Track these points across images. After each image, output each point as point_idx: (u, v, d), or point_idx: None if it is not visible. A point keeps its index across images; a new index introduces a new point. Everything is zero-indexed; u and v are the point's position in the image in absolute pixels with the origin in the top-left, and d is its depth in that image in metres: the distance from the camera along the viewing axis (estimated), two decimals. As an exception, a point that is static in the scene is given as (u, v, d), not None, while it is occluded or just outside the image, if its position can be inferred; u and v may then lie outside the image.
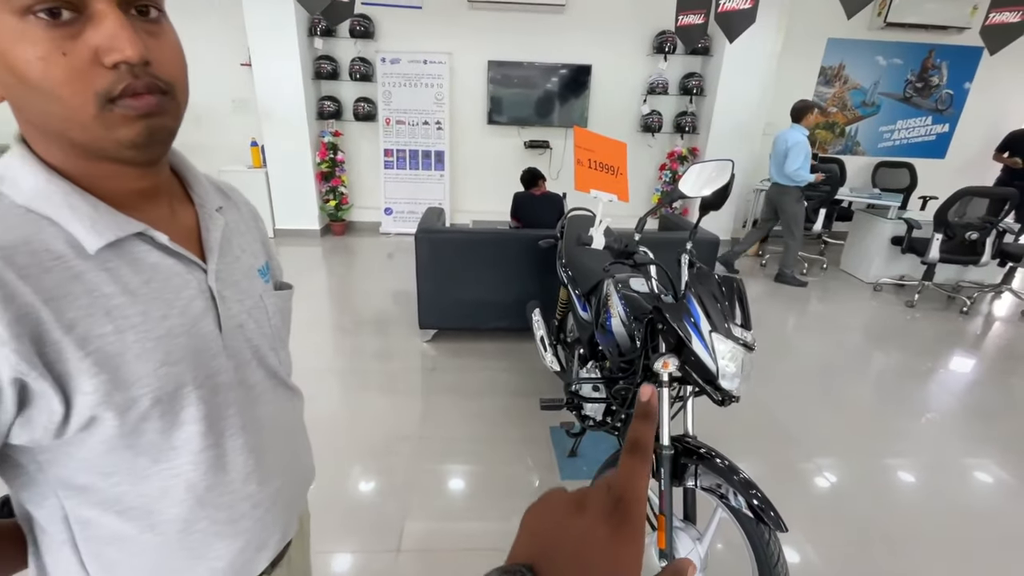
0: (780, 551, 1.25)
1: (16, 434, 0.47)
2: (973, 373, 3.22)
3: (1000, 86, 5.58)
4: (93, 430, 0.48)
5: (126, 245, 0.50)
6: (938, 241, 3.92)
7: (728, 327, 1.30)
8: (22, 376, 0.44)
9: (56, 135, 0.46)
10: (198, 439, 0.55)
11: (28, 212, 0.46)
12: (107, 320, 0.47)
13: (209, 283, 0.56)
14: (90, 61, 0.42)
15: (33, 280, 0.44)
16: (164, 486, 0.54)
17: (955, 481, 2.23)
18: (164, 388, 0.51)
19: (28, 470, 0.51)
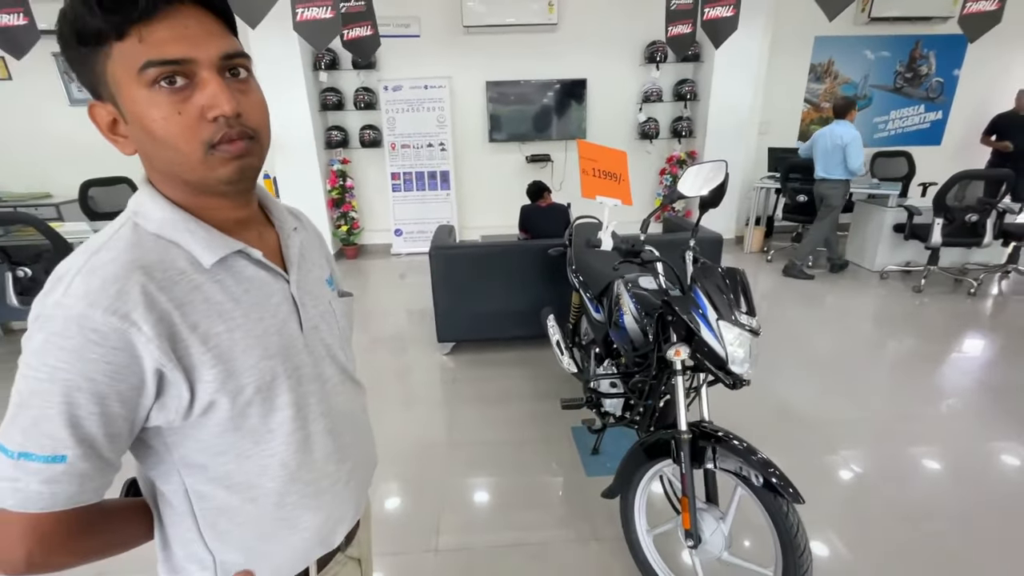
0: (799, 522, 1.33)
1: (153, 416, 0.58)
2: (987, 353, 3.26)
3: (988, 70, 5.66)
4: (210, 414, 0.59)
5: (229, 261, 0.62)
6: (939, 225, 3.99)
7: (734, 314, 1.40)
8: (161, 367, 0.55)
9: (173, 176, 0.59)
10: (289, 423, 0.65)
11: (158, 238, 0.59)
12: (220, 321, 0.59)
13: (291, 291, 0.68)
14: (198, 117, 0.54)
15: (167, 290, 0.56)
16: (263, 464, 0.64)
17: (981, 462, 2.27)
18: (263, 378, 0.62)
19: (158, 451, 0.62)
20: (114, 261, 0.54)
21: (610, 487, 1.72)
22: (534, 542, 1.88)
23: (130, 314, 0.52)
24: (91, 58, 0.53)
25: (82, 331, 0.51)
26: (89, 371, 0.51)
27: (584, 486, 2.13)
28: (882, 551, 1.78)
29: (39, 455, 0.52)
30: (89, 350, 0.51)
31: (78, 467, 0.53)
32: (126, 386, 0.54)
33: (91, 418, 0.53)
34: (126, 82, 0.53)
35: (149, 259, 0.56)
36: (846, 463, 2.23)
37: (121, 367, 0.53)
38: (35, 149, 5.33)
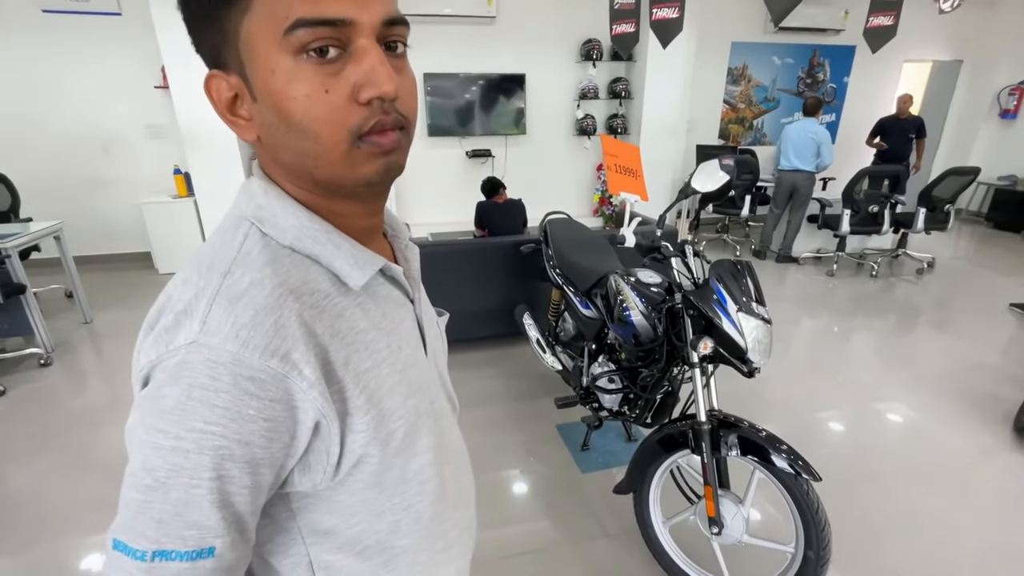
0: (818, 499, 1.41)
1: (296, 480, 0.46)
2: (890, 326, 3.72)
3: (871, 78, 6.45)
4: (357, 469, 0.48)
5: (370, 280, 0.50)
6: (847, 216, 4.48)
7: (750, 305, 1.45)
8: (321, 419, 0.43)
9: (302, 174, 0.46)
10: (427, 468, 0.55)
11: (293, 252, 0.46)
12: (368, 355, 0.47)
13: (416, 313, 0.57)
14: (348, 98, 0.41)
15: (319, 319, 0.44)
16: (396, 520, 0.53)
17: (890, 420, 2.58)
18: (410, 420, 0.51)
19: (278, 519, 0.49)
20: (258, 284, 0.42)
21: (623, 482, 1.72)
22: (545, 546, 1.84)
23: (291, 354, 0.41)
24: (222, 12, 0.40)
25: (236, 381, 0.39)
26: (245, 432, 0.39)
27: (581, 483, 2.12)
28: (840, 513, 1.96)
29: (181, 552, 0.39)
30: (245, 405, 0.39)
31: (227, 559, 0.41)
32: (279, 446, 0.42)
33: (242, 493, 0.41)
34: (265, 46, 0.40)
35: (294, 280, 0.44)
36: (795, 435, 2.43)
37: (277, 423, 0.41)
38: None
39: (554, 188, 5.85)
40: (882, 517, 1.95)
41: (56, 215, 3.74)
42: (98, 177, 4.81)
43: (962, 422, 2.52)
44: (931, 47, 6.54)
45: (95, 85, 4.53)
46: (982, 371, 3.00)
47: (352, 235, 0.50)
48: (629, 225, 1.69)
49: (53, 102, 4.51)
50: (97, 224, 4.89)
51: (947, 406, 2.66)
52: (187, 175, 4.62)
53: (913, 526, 1.92)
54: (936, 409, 2.64)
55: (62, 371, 3.03)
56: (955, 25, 6.33)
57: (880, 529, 1.90)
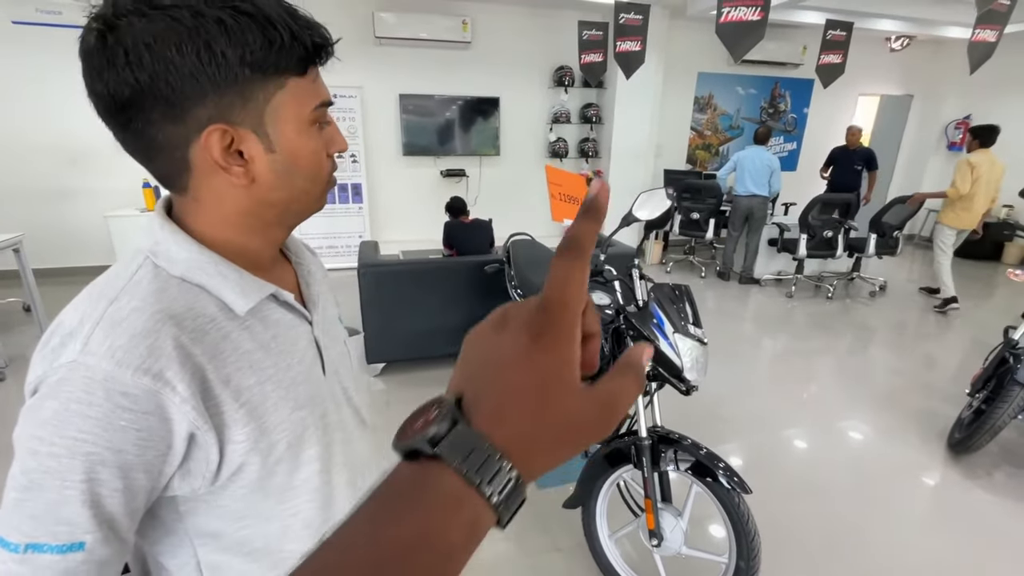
0: (748, 511, 1.49)
1: (176, 486, 0.51)
2: (847, 346, 3.89)
3: (829, 109, 6.80)
4: (238, 476, 0.53)
5: (258, 305, 0.56)
6: (804, 240, 4.69)
7: (686, 327, 1.54)
8: (195, 430, 0.48)
9: (287, 211, 0.57)
10: (315, 477, 0.60)
11: (183, 282, 0.52)
12: (251, 373, 0.53)
13: (315, 333, 0.63)
14: (326, 153, 0.56)
15: (198, 342, 0.50)
16: (285, 525, 0.59)
17: (842, 437, 2.70)
18: (295, 431, 0.57)
19: (166, 521, 0.54)
20: (139, 311, 0.48)
21: (572, 497, 1.78)
22: (498, 561, 1.87)
23: (163, 372, 0.46)
24: (253, 84, 0.49)
25: (109, 395, 0.44)
26: (116, 441, 0.45)
27: (537, 498, 2.16)
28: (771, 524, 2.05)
29: (52, 545, 0.44)
30: (117, 416, 0.44)
31: (97, 553, 0.46)
32: (153, 454, 0.47)
33: (114, 496, 0.46)
34: (294, 116, 0.52)
35: (177, 307, 0.50)
36: (746, 449, 2.53)
37: (151, 433, 0.46)
38: None
39: (526, 208, 5.97)
40: (822, 529, 2.05)
41: (17, 227, 3.68)
42: (64, 189, 4.75)
43: (903, 438, 2.66)
44: (884, 82, 6.94)
45: (65, 97, 4.49)
46: (924, 389, 3.17)
47: (257, 264, 0.57)
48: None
49: (20, 113, 4.46)
50: (60, 237, 4.81)
51: (890, 422, 2.79)
52: (156, 189, 4.58)
53: (852, 538, 2.01)
54: (880, 425, 2.78)
55: (16, 387, 2.96)
56: (905, 62, 6.75)
57: (819, 541, 1.99)
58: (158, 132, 0.48)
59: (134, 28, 0.43)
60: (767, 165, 4.83)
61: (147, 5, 0.44)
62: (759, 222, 4.98)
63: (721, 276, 5.38)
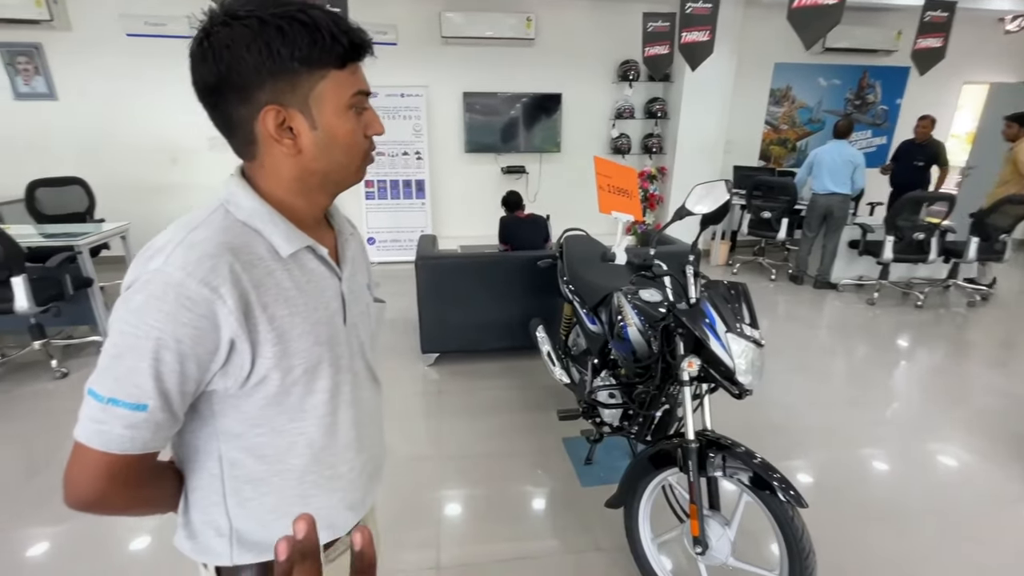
0: (804, 525, 1.39)
1: (216, 381, 0.64)
2: (936, 361, 3.52)
3: (925, 99, 6.17)
4: (261, 386, 0.65)
5: (299, 254, 0.69)
6: (890, 243, 4.29)
7: (740, 327, 1.46)
8: (235, 337, 0.61)
9: (320, 177, 0.68)
10: (323, 406, 0.72)
11: (244, 225, 0.65)
12: (285, 305, 0.66)
13: (342, 288, 0.75)
14: (363, 135, 0.68)
15: (248, 271, 0.62)
16: (291, 441, 0.71)
17: (926, 460, 2.45)
18: (311, 361, 0.69)
19: (203, 415, 0.68)
20: (209, 240, 0.61)
21: (614, 497, 1.74)
22: (536, 555, 1.87)
23: (219, 287, 0.59)
24: (301, 75, 0.61)
25: (178, 297, 0.57)
26: (178, 333, 0.57)
27: (580, 497, 2.14)
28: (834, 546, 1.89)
29: (126, 402, 0.58)
30: (181, 314, 0.57)
31: (156, 416, 0.60)
32: (204, 350, 0.60)
33: (172, 375, 0.59)
34: (334, 101, 0.64)
35: (237, 242, 0.63)
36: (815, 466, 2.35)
37: (204, 332, 0.59)
38: (-28, 145, 4.92)
39: (587, 205, 5.85)
40: (893, 560, 1.87)
41: (125, 217, 4.13)
42: (165, 184, 5.26)
43: (999, 466, 2.37)
44: (995, 68, 6.20)
45: (167, 101, 4.97)
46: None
47: (303, 222, 0.70)
48: (620, 243, 1.73)
49: (129, 116, 4.99)
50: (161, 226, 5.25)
51: (985, 448, 2.50)
52: (241, 184, 4.98)
53: (927, 572, 1.82)
54: (973, 451, 2.49)
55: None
56: (1022, 45, 5.99)
57: (888, 571, 1.82)
58: (234, 111, 0.63)
59: (219, 34, 0.59)
60: (848, 160, 4.46)
61: (231, 16, 0.59)
62: (839, 222, 4.61)
63: (793, 280, 5.04)
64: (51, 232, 3.55)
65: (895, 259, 4.34)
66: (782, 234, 5.02)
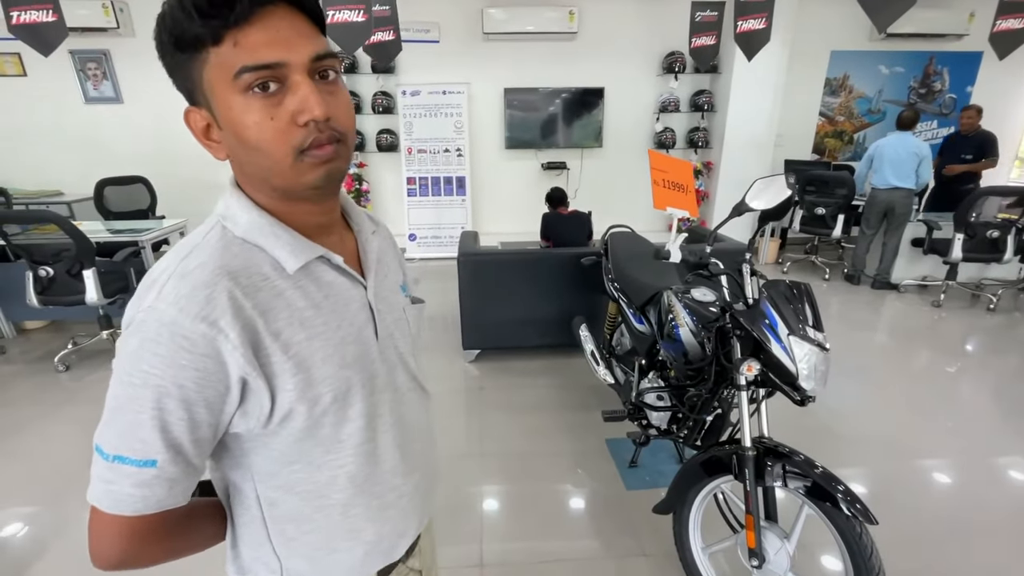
0: (873, 543, 1.30)
1: (236, 423, 0.57)
2: (1011, 368, 3.26)
3: (1000, 86, 5.72)
4: (287, 422, 0.58)
5: (311, 266, 0.60)
6: (960, 241, 4.00)
7: (804, 330, 1.38)
8: (245, 376, 0.54)
9: (262, 182, 0.57)
10: (360, 433, 0.64)
11: (244, 242, 0.58)
12: (301, 329, 0.58)
13: (368, 298, 0.66)
14: (288, 122, 0.52)
15: (252, 296, 0.55)
16: (332, 475, 0.64)
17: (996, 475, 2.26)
18: (340, 387, 0.61)
19: (235, 454, 0.62)
20: (203, 266, 0.54)
21: (663, 503, 1.69)
22: (579, 557, 1.84)
23: (218, 321, 0.52)
24: (189, 64, 0.52)
25: (173, 337, 0.51)
26: (179, 377, 0.51)
27: (624, 500, 2.09)
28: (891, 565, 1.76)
29: (132, 459, 0.52)
30: (180, 356, 0.51)
31: (167, 471, 0.54)
32: (212, 392, 0.53)
33: (179, 424, 0.53)
34: (220, 88, 0.52)
35: (236, 264, 0.56)
36: (873, 477, 2.21)
37: (209, 373, 0.52)
38: (48, 146, 5.27)
39: (628, 201, 5.78)
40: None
41: (184, 214, 4.34)
42: (219, 182, 5.47)
43: (1087, 484, 2.17)
44: (1083, 51, 5.67)
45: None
46: (1122, 428, 2.55)
47: (306, 230, 0.61)
48: (675, 240, 1.67)
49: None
50: (214, 223, 5.57)
51: (1069, 464, 2.29)
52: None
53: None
54: (1054, 466, 2.29)
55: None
56: (1116, 25, 5.44)
57: (962, 592, 1.70)
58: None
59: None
60: (913, 153, 4.18)
61: None
62: (901, 219, 4.34)
63: (849, 279, 4.78)
64: (117, 228, 3.76)
65: (965, 258, 4.05)
66: (837, 231, 4.77)
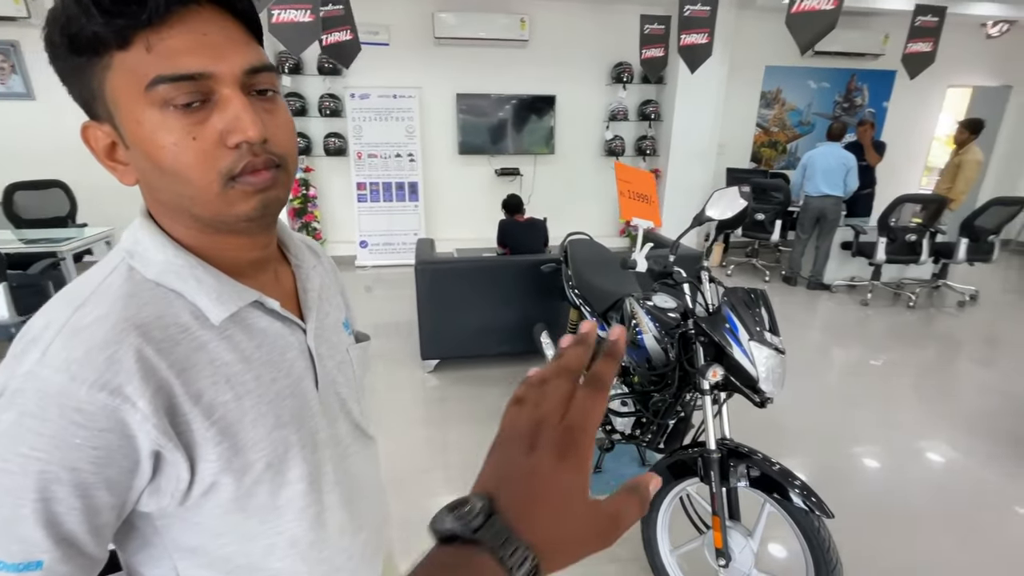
0: (830, 537, 1.37)
1: (145, 501, 0.48)
2: (930, 360, 3.56)
3: (911, 102, 6.28)
4: (211, 495, 0.49)
5: (241, 313, 0.51)
6: (883, 244, 4.34)
7: (763, 334, 1.44)
8: (159, 448, 0.45)
9: (182, 212, 0.48)
10: (301, 498, 0.55)
11: (157, 286, 0.48)
12: (228, 388, 0.49)
13: (308, 343, 0.57)
14: (215, 143, 0.43)
15: (166, 354, 0.45)
16: (269, 544, 0.54)
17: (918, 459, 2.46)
18: (276, 451, 0.52)
19: (144, 534, 0.51)
20: (103, 320, 0.44)
21: (631, 508, 1.71)
22: (549, 568, 1.83)
23: (123, 388, 0.42)
24: (86, 70, 0.43)
25: (63, 412, 0.41)
26: (71, 459, 0.41)
27: (591, 506, 2.10)
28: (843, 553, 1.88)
29: (8, 563, 0.41)
30: (71, 434, 0.41)
31: (57, 572, 0.42)
32: (116, 471, 0.43)
33: (72, 514, 0.42)
34: (129, 100, 0.42)
35: (146, 315, 0.46)
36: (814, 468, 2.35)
37: (111, 451, 0.43)
38: (-55, 147, 4.73)
39: (580, 207, 5.88)
40: (897, 560, 1.86)
41: (110, 221, 3.99)
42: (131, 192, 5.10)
43: (998, 464, 2.39)
44: (977, 72, 6.34)
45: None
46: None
47: (237, 268, 0.52)
48: (641, 249, 1.70)
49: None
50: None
51: (987, 448, 2.52)
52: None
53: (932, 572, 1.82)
54: (974, 451, 2.51)
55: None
56: (1004, 49, 6.12)
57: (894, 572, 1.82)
58: None
59: None
60: (842, 163, 4.50)
61: None
62: (832, 224, 4.66)
63: (787, 281, 5.08)
64: (32, 238, 3.42)
65: (888, 260, 4.40)
66: (776, 236, 5.06)
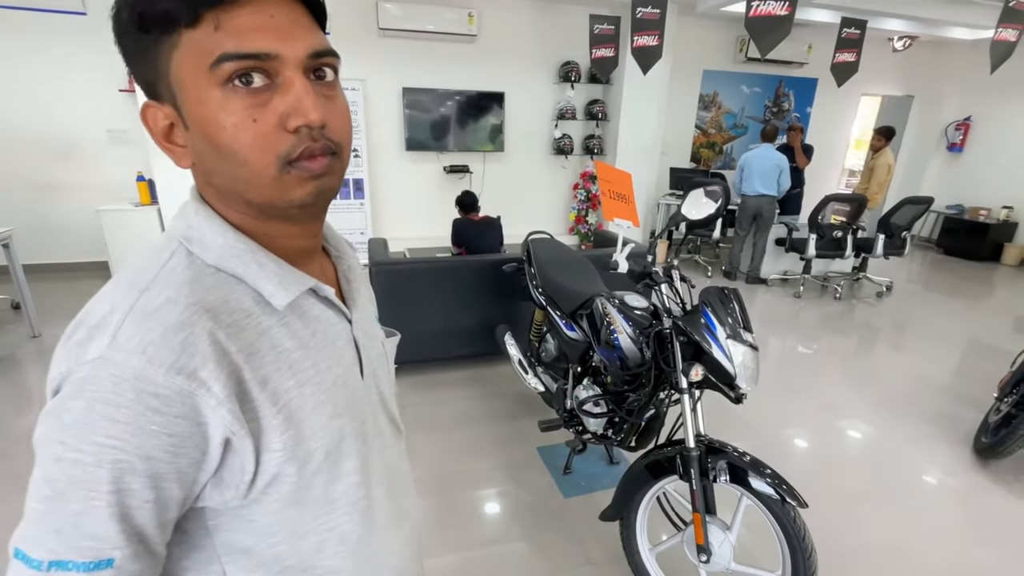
0: (805, 525, 1.42)
1: (208, 495, 0.46)
2: (854, 346, 3.86)
3: (831, 108, 6.79)
4: (272, 488, 0.48)
5: (298, 299, 0.50)
6: (813, 240, 4.65)
7: (739, 331, 1.46)
8: (231, 435, 0.43)
9: (235, 197, 0.47)
10: (354, 490, 0.55)
11: (217, 271, 0.47)
12: (290, 375, 0.48)
13: (354, 333, 0.57)
14: (275, 126, 0.43)
15: (235, 338, 0.44)
16: (320, 540, 0.53)
17: (852, 440, 2.66)
18: (333, 439, 0.51)
19: (193, 536, 0.49)
20: (173, 302, 0.43)
21: (610, 509, 1.70)
22: (527, 573, 1.79)
23: (198, 372, 0.41)
24: (153, 48, 0.42)
25: (139, 396, 0.39)
26: (146, 448, 0.40)
27: (564, 508, 2.08)
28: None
29: (79, 562, 0.39)
30: (148, 420, 0.40)
31: (126, 570, 0.41)
32: (186, 461, 0.42)
33: (145, 507, 0.41)
34: (193, 79, 0.42)
35: (213, 299, 0.45)
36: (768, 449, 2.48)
37: (183, 439, 0.41)
38: None
39: (531, 206, 5.89)
40: (837, 538, 1.99)
41: (7, 221, 3.52)
42: (55, 182, 4.56)
43: (925, 442, 2.62)
44: (886, 83, 6.95)
45: (55, 87, 4.31)
46: (941, 392, 3.13)
47: (287, 255, 0.51)
48: (622, 251, 1.70)
49: (6, 103, 4.27)
50: (51, 231, 4.63)
51: (911, 426, 2.75)
52: (151, 182, 4.43)
53: (876, 547, 1.96)
54: (900, 429, 2.73)
55: (5, 388, 2.82)
56: (907, 63, 6.76)
57: (837, 548, 1.93)
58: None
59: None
60: (776, 164, 4.78)
61: None
62: (767, 222, 4.94)
63: (727, 276, 5.34)
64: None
65: (817, 255, 4.72)
66: (716, 233, 5.29)
